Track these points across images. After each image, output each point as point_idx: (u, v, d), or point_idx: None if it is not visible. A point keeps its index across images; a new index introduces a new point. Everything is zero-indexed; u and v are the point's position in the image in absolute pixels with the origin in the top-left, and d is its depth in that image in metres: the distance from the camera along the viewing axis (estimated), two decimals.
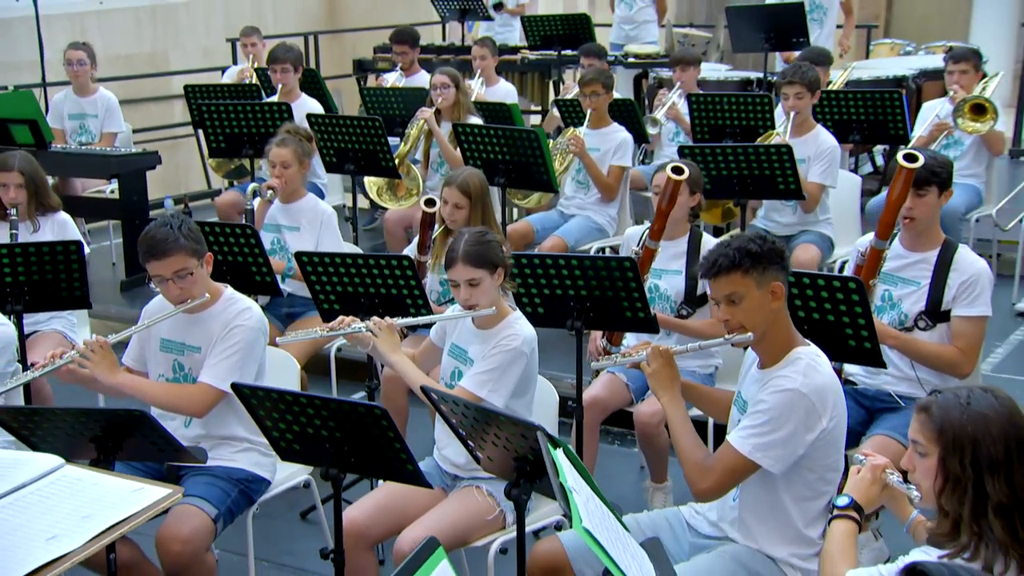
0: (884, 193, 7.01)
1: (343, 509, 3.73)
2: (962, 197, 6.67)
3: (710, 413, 4.12)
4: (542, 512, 4.16)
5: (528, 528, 4.15)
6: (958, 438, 2.80)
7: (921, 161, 4.12)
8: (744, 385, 3.74)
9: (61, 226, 5.68)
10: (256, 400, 3.58)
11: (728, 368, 4.93)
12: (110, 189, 7.73)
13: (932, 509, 2.88)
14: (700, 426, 3.90)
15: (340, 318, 4.23)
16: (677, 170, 4.59)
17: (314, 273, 4.84)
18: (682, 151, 5.93)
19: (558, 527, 4.18)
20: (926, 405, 2.90)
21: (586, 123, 6.80)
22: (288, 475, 4.38)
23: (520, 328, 4.05)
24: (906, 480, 2.98)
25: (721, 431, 3.94)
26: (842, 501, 3.14)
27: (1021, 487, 2.70)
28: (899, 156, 4.22)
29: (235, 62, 10.19)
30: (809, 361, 3.49)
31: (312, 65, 10.73)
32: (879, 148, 8.54)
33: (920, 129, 6.93)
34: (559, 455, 2.97)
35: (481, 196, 5.25)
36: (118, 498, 2.89)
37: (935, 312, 4.37)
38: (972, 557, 2.74)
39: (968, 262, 4.39)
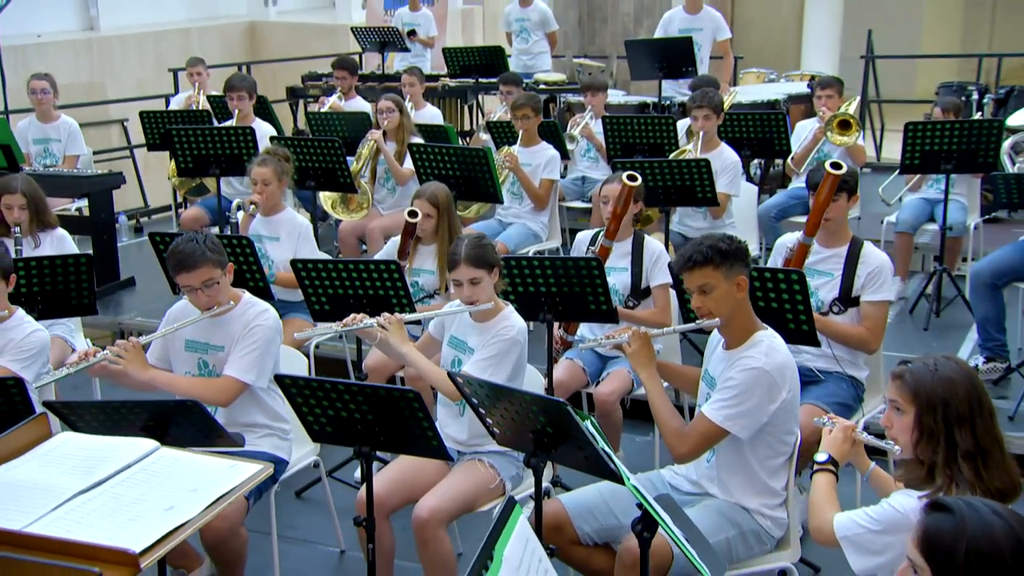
0: (771, 198, 7.43)
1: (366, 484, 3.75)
2: None
3: (679, 385, 4.29)
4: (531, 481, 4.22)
5: (523, 493, 4.31)
6: (931, 399, 2.93)
7: (845, 169, 4.42)
8: (711, 363, 3.87)
9: (60, 241, 5.66)
10: (296, 389, 3.61)
11: (666, 353, 5.06)
12: (76, 207, 7.63)
13: (909, 457, 3.00)
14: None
15: (352, 315, 4.28)
16: (632, 178, 4.79)
17: (308, 278, 4.89)
18: (615, 167, 6.11)
19: (546, 493, 4.32)
20: (900, 373, 3.03)
21: (519, 142, 6.92)
22: (300, 456, 4.46)
23: (515, 320, 4.15)
24: (881, 438, 3.17)
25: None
26: (821, 457, 3.27)
27: (982, 436, 2.88)
28: (827, 164, 4.47)
29: (176, 90, 10.06)
30: (770, 343, 3.66)
31: None
32: (755, 161, 8.90)
33: (797, 145, 7.25)
34: (589, 426, 3.16)
35: (447, 207, 5.39)
36: (217, 473, 2.92)
37: (847, 299, 4.61)
38: (946, 496, 2.84)
39: (873, 255, 4.65)
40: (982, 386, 3.00)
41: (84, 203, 7.42)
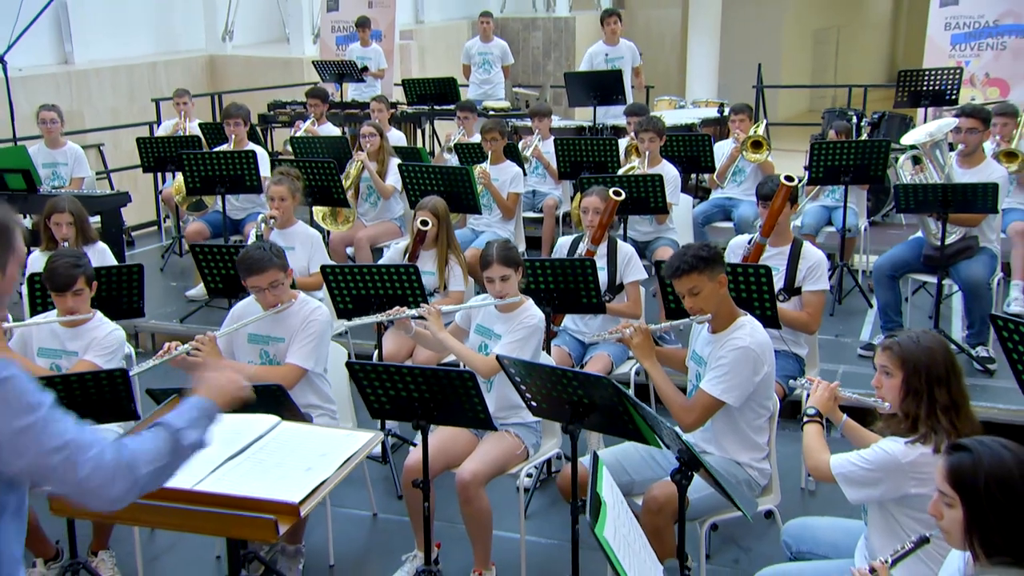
0: (696, 207, 7.76)
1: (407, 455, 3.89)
2: (751, 209, 7.18)
3: (670, 365, 4.38)
4: (549, 445, 4.47)
5: (542, 458, 4.54)
6: (916, 364, 3.13)
7: (796, 182, 4.78)
8: (697, 344, 4.10)
9: (101, 254, 5.68)
10: (363, 373, 3.73)
11: None
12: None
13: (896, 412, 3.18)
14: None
15: (395, 308, 4.48)
16: (616, 193, 5.10)
17: (334, 281, 5.04)
18: (582, 182, 6.32)
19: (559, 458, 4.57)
20: (889, 344, 3.22)
21: (488, 161, 7.14)
22: None
23: (535, 311, 4.36)
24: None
25: None
26: (810, 411, 3.46)
27: (955, 394, 3.11)
28: (782, 177, 4.81)
29: (158, 118, 10.00)
30: (752, 326, 3.92)
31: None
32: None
33: (719, 162, 7.61)
34: (630, 398, 3.38)
35: (445, 216, 5.56)
36: (338, 442, 3.11)
37: (791, 288, 4.91)
38: (925, 442, 3.09)
39: (812, 253, 4.96)
40: (953, 354, 3.22)
41: (96, 219, 7.35)
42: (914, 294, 6.69)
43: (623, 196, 5.07)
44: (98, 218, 7.25)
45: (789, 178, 4.75)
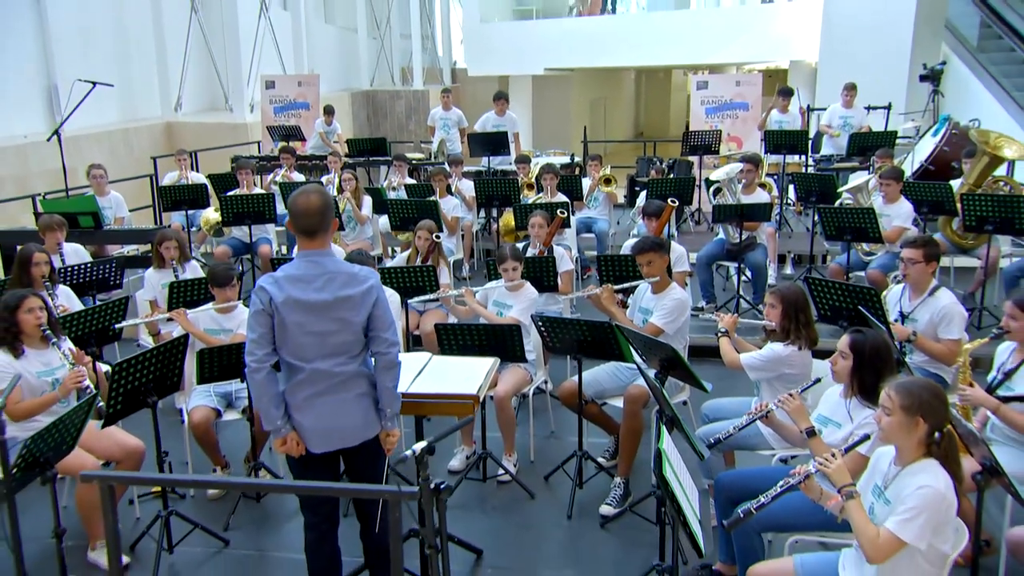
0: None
1: None
2: (604, 225, 8.20)
3: (620, 321, 4.61)
4: (540, 374, 5.02)
5: (538, 382, 5.05)
6: (789, 299, 3.78)
7: (677, 204, 5.80)
8: (642, 301, 4.64)
9: (193, 269, 5.91)
10: (446, 334, 4.39)
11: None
12: (128, 249, 7.48)
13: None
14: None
15: (441, 289, 5.08)
16: (562, 213, 5.97)
17: (389, 278, 5.27)
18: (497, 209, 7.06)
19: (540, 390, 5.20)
20: (775, 291, 3.80)
21: (437, 194, 7.79)
22: None
23: (534, 291, 5.03)
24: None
25: None
26: (721, 331, 4.08)
27: (807, 316, 3.79)
28: (669, 200, 5.78)
29: (155, 170, 10.02)
30: (679, 290, 4.56)
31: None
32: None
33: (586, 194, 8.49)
34: (621, 328, 4.23)
35: (434, 231, 6.07)
36: (476, 365, 3.69)
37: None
38: (793, 344, 3.70)
39: (674, 247, 5.92)
40: (805, 294, 3.86)
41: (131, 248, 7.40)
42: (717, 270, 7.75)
43: (566, 214, 5.94)
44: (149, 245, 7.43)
45: (673, 200, 5.80)
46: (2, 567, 3.83)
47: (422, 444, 2.49)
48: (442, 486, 2.34)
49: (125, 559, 3.93)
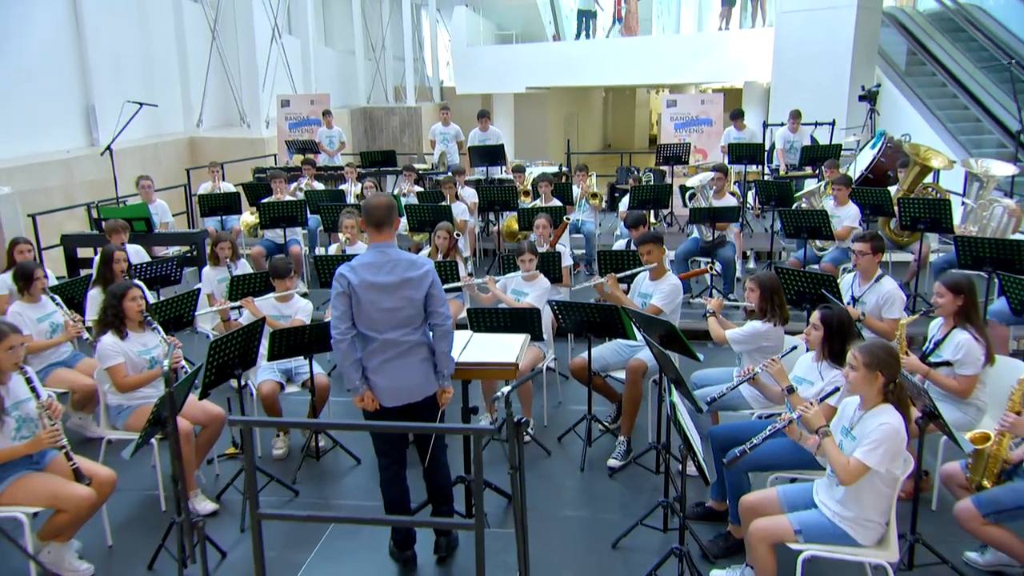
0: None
1: None
2: (592, 228, 8.48)
3: (624, 304, 4.76)
4: (550, 353, 5.25)
5: (548, 360, 5.29)
6: (765, 284, 4.06)
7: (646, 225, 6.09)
8: (641, 287, 4.84)
9: (243, 266, 6.13)
10: (478, 317, 4.71)
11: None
12: (174, 250, 7.74)
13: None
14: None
15: (464, 276, 5.31)
16: (567, 218, 6.32)
17: None
18: (497, 213, 7.36)
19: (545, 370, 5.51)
20: (754, 278, 4.04)
21: (448, 199, 8.02)
22: None
23: (547, 281, 5.29)
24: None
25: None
26: (708, 311, 4.44)
27: (781, 297, 4.05)
28: (650, 217, 6.13)
29: (188, 181, 10.21)
30: (674, 277, 4.77)
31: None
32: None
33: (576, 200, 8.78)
34: (626, 310, 4.61)
35: (452, 232, 6.32)
36: (509, 342, 3.94)
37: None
38: (770, 321, 3.98)
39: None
40: (778, 279, 4.17)
41: (177, 248, 7.64)
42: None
43: (568, 220, 6.31)
44: (190, 247, 7.73)
45: (644, 217, 6.15)
46: (113, 509, 4.14)
47: (507, 387, 2.88)
48: (522, 421, 2.72)
49: (214, 506, 4.26)
